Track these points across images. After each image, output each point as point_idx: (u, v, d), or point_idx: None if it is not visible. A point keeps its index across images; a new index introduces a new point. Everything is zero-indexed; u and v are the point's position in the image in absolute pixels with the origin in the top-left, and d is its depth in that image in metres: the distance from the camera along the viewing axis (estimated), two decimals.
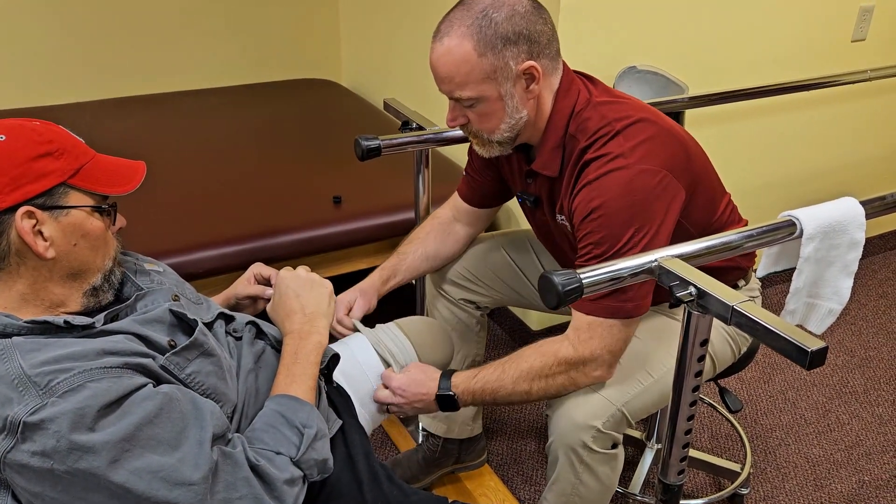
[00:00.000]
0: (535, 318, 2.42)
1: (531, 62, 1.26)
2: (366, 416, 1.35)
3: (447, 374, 1.39)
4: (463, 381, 1.37)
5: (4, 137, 0.98)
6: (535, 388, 1.33)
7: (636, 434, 2.01)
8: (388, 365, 1.40)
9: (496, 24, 1.23)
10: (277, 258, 2.05)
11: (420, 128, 1.77)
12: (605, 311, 1.27)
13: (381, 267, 1.64)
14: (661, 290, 1.24)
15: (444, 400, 1.37)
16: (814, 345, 0.88)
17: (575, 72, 1.38)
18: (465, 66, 1.25)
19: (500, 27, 1.23)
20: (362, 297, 1.56)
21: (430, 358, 1.46)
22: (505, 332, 2.56)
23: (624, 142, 1.27)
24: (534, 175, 1.42)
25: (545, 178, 1.39)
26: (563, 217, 1.39)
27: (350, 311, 1.54)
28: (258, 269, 1.40)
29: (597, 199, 1.25)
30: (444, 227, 1.68)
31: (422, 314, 1.95)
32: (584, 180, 1.28)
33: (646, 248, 1.23)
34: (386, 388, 1.37)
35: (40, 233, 0.98)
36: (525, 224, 2.27)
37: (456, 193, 1.68)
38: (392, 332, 1.45)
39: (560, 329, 1.37)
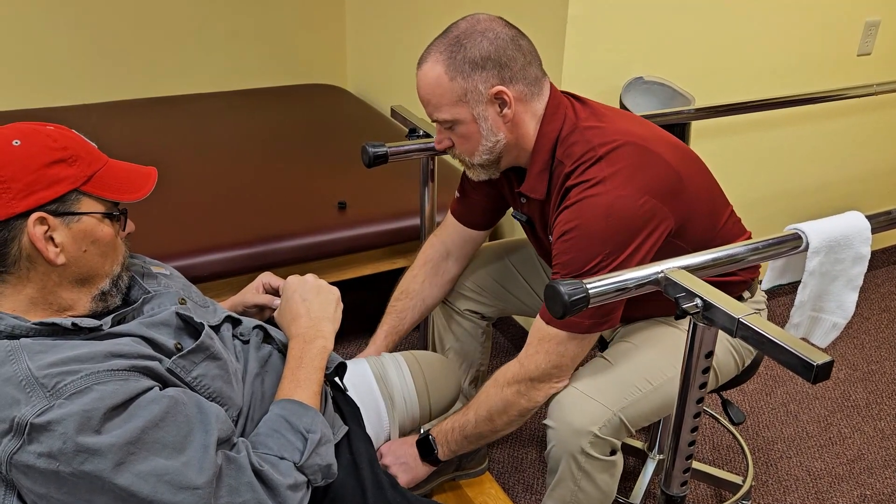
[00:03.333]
0: None
1: (500, 87, 1.30)
2: (370, 428, 1.35)
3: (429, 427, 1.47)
4: (436, 426, 1.45)
5: (20, 142, 0.98)
6: (495, 414, 1.38)
7: (638, 444, 2.01)
8: (387, 398, 1.42)
9: (466, 49, 1.28)
10: (282, 263, 2.05)
11: (427, 135, 1.77)
12: (561, 323, 1.29)
13: (385, 333, 1.65)
14: (662, 301, 1.25)
15: (424, 445, 1.43)
16: (819, 359, 0.88)
17: (566, 94, 1.41)
18: (438, 90, 1.31)
19: (469, 52, 1.28)
20: None
21: (436, 396, 1.48)
22: (508, 341, 2.56)
23: (606, 167, 1.28)
24: (525, 196, 1.45)
25: (535, 200, 1.42)
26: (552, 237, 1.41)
27: None
28: (267, 278, 1.40)
29: (573, 222, 1.28)
30: (435, 269, 1.69)
31: (426, 325, 1.94)
32: (565, 204, 1.31)
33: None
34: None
35: (51, 239, 0.99)
36: (523, 235, 2.28)
37: (447, 219, 1.69)
38: (399, 367, 1.46)
39: None
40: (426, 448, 1.43)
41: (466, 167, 1.43)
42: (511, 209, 1.60)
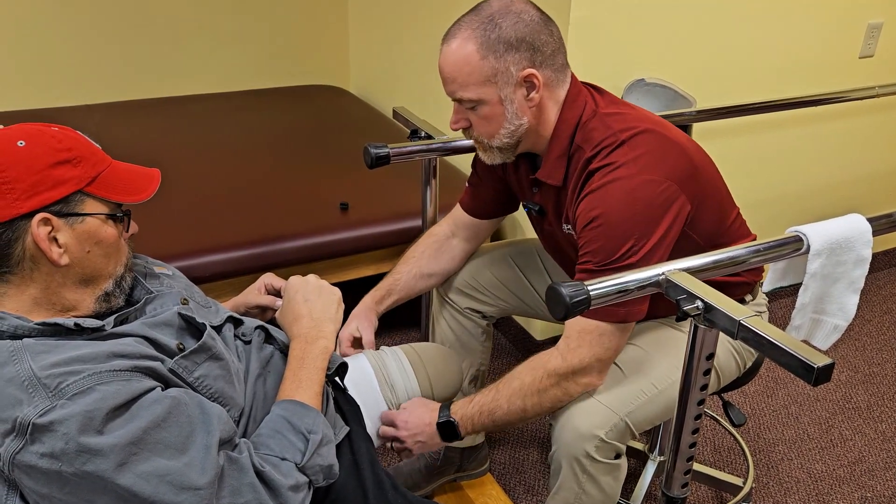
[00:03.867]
0: (539, 328, 2.42)
1: (532, 70, 1.28)
2: (371, 427, 1.35)
3: (446, 404, 1.41)
4: (461, 408, 1.40)
5: (24, 143, 0.99)
6: (529, 404, 1.34)
7: (639, 446, 2.01)
8: (389, 394, 1.42)
9: (500, 28, 1.26)
10: (284, 263, 2.05)
11: (429, 136, 1.78)
12: (595, 313, 1.28)
13: (376, 288, 1.64)
14: (667, 303, 1.25)
15: (446, 427, 1.39)
16: (820, 361, 0.88)
17: (583, 83, 1.40)
18: (466, 68, 1.28)
19: (504, 32, 1.26)
20: (362, 322, 1.56)
21: (440, 387, 1.47)
22: (509, 342, 2.56)
23: (628, 151, 1.28)
24: (539, 184, 1.44)
25: (550, 187, 1.41)
26: (569, 226, 1.40)
27: (352, 342, 1.55)
28: (269, 279, 1.40)
29: (598, 209, 1.27)
30: (439, 243, 1.68)
31: (427, 323, 1.95)
32: (588, 189, 1.30)
33: (644, 259, 1.25)
34: (388, 425, 1.40)
35: (55, 239, 0.99)
36: (531, 233, 2.28)
37: (457, 206, 1.68)
38: (399, 361, 1.46)
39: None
40: (448, 430, 1.40)
41: (482, 149, 1.41)
42: (520, 206, 1.59)
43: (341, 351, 1.51)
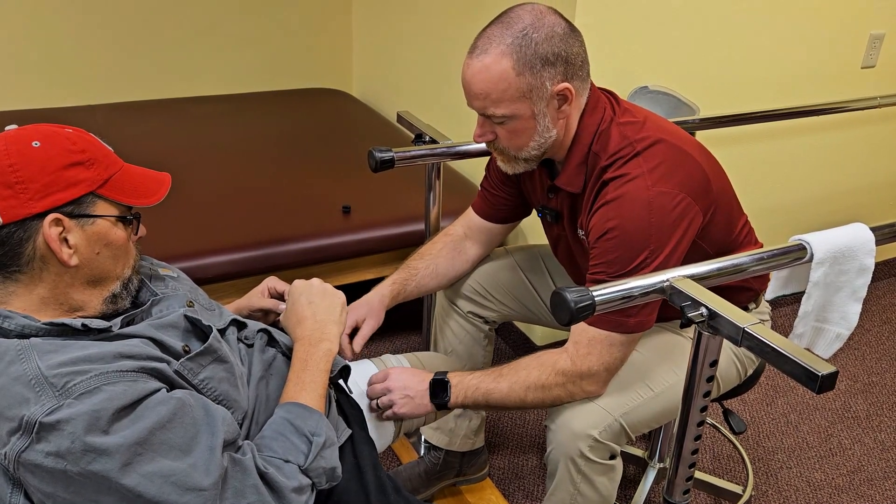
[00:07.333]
0: (539, 334, 2.42)
1: (566, 84, 1.28)
2: (374, 431, 1.35)
3: (442, 371, 1.42)
4: (459, 376, 1.39)
5: (39, 144, 0.99)
6: (530, 396, 1.35)
7: (638, 452, 2.01)
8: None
9: (536, 44, 1.24)
10: (286, 266, 2.06)
11: (433, 141, 1.78)
12: (606, 323, 1.29)
13: (392, 281, 1.62)
14: (669, 307, 1.25)
15: (437, 387, 1.38)
16: (824, 369, 0.89)
17: (599, 88, 1.40)
18: (501, 84, 1.26)
19: (540, 48, 1.24)
20: (371, 315, 1.54)
21: None
22: (509, 347, 2.56)
23: (643, 163, 1.29)
24: (556, 190, 1.44)
25: (567, 193, 1.41)
26: (583, 232, 1.41)
27: (356, 327, 1.53)
28: (273, 282, 1.40)
29: (613, 220, 1.27)
30: (455, 244, 1.68)
31: (429, 326, 1.95)
32: (602, 200, 1.30)
33: (656, 272, 1.24)
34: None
35: (66, 240, 0.99)
36: (532, 241, 2.28)
37: (469, 209, 1.68)
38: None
39: (563, 345, 1.39)
40: (438, 390, 1.39)
41: (505, 160, 1.39)
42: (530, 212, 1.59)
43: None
